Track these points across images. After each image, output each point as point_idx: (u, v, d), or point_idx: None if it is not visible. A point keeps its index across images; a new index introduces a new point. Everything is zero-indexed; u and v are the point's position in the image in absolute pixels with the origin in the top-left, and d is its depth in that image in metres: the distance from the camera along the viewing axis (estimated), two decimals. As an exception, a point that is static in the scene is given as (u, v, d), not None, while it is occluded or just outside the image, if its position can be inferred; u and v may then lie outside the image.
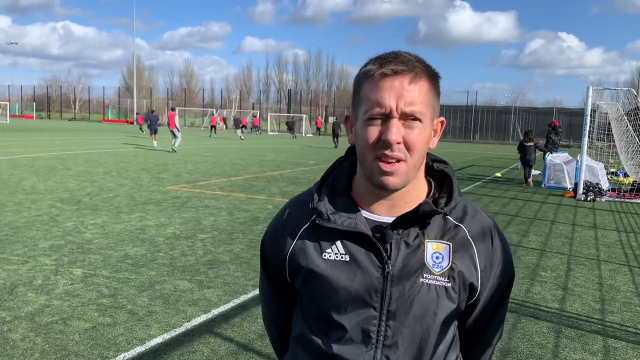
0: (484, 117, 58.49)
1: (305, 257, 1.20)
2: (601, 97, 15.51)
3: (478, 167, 21.89)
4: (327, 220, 1.17)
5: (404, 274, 1.15)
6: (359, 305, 1.16)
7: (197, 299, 4.90)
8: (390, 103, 1.09)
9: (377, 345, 1.16)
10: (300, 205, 1.27)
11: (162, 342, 3.99)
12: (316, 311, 1.21)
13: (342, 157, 1.32)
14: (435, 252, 1.17)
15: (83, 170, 14.33)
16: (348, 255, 1.17)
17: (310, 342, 1.22)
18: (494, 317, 1.29)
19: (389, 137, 1.08)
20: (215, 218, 8.60)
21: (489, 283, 1.22)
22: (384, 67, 1.10)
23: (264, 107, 74.14)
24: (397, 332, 1.16)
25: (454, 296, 1.17)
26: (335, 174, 1.27)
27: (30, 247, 6.38)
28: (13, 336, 3.97)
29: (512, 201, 12.13)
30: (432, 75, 1.15)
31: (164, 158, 19.31)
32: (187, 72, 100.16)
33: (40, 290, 4.95)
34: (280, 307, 1.36)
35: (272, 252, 1.29)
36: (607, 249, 7.68)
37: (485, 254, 1.21)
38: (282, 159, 21.60)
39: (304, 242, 1.21)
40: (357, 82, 1.17)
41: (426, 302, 1.15)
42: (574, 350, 4.16)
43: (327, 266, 1.17)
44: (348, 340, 1.17)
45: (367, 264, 1.15)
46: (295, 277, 1.24)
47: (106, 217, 8.32)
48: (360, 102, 1.14)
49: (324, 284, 1.17)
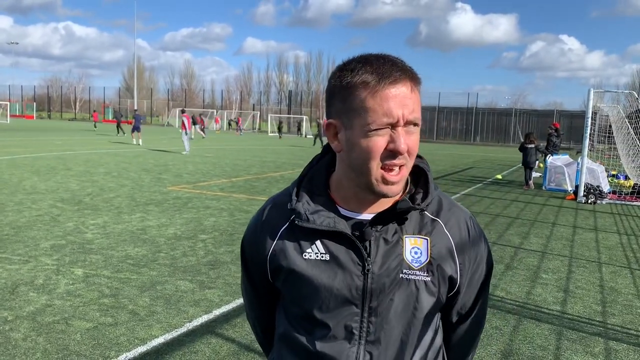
0: (484, 119, 58.51)
1: (286, 258, 1.20)
2: (602, 100, 15.50)
3: (479, 169, 21.89)
4: (307, 221, 1.18)
5: (383, 271, 1.17)
6: (341, 303, 1.17)
7: (199, 299, 4.90)
8: (398, 113, 1.09)
9: (360, 342, 1.18)
10: (279, 205, 1.27)
11: (163, 342, 3.99)
12: (299, 310, 1.22)
13: (318, 155, 1.32)
14: (413, 247, 1.19)
15: (84, 171, 14.33)
16: (328, 254, 1.18)
17: (294, 340, 1.24)
18: (476, 306, 1.31)
19: (400, 148, 1.10)
20: (216, 219, 8.60)
21: (468, 274, 1.24)
22: (385, 77, 1.09)
23: (264, 108, 74.19)
24: (380, 328, 1.18)
25: (433, 290, 1.19)
26: (312, 173, 1.28)
27: (32, 247, 6.38)
28: (15, 336, 3.97)
29: (513, 203, 12.13)
30: (418, 80, 1.16)
31: (164, 158, 19.32)
32: (188, 72, 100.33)
33: (41, 290, 4.95)
34: (262, 305, 1.37)
35: (252, 252, 1.29)
36: (608, 251, 7.68)
37: (462, 246, 1.23)
38: (283, 160, 21.60)
39: (284, 243, 1.22)
40: (346, 90, 1.12)
41: (406, 297, 1.18)
42: (575, 352, 4.16)
43: (308, 266, 1.18)
44: (331, 337, 1.18)
45: (347, 262, 1.17)
46: (277, 277, 1.24)
47: (107, 217, 8.33)
48: (357, 112, 1.11)
49: (306, 283, 1.18)
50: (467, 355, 1.40)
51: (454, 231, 1.23)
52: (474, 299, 1.30)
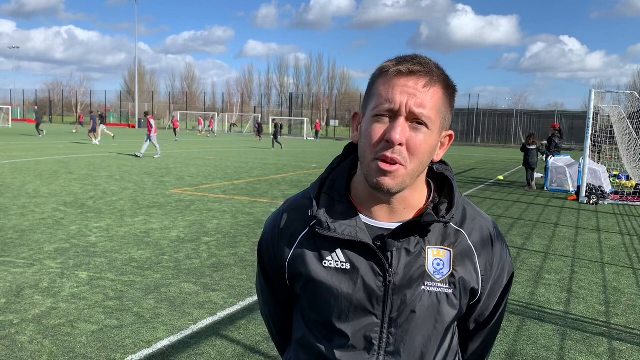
0: (485, 120, 58.49)
1: (305, 265, 1.18)
2: (603, 101, 15.50)
3: (480, 170, 21.88)
4: (327, 229, 1.15)
5: (405, 282, 1.14)
6: (361, 313, 1.15)
7: (203, 301, 4.91)
8: (401, 100, 1.06)
9: (379, 352, 1.16)
10: (298, 209, 1.24)
11: (169, 344, 4.00)
12: (317, 317, 1.20)
13: (339, 156, 1.29)
14: (436, 259, 1.16)
15: (86, 174, 14.36)
16: (349, 263, 1.15)
17: (312, 347, 1.22)
18: (495, 315, 1.30)
19: (392, 136, 1.06)
20: (219, 221, 8.62)
21: (489, 285, 1.23)
22: (400, 65, 1.09)
23: (265, 110, 74.25)
24: (399, 339, 1.16)
25: (455, 302, 1.17)
26: (333, 177, 1.24)
27: (36, 251, 6.40)
28: (21, 338, 3.99)
29: (515, 204, 12.14)
30: (448, 85, 1.13)
31: (166, 162, 19.34)
32: (189, 75, 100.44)
33: (46, 293, 4.97)
34: (278, 305, 1.35)
35: (270, 256, 1.27)
36: (611, 251, 7.68)
37: (485, 257, 1.21)
38: (284, 162, 21.62)
39: (303, 250, 1.19)
40: (372, 79, 1.15)
41: (427, 310, 1.15)
42: (579, 352, 4.16)
43: (328, 274, 1.16)
44: (350, 347, 1.16)
45: (368, 272, 1.14)
46: (295, 283, 1.22)
47: (110, 220, 8.35)
48: (371, 98, 1.13)
49: (325, 291, 1.16)
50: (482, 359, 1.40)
51: (477, 242, 1.20)
52: (493, 308, 1.28)
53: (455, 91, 1.16)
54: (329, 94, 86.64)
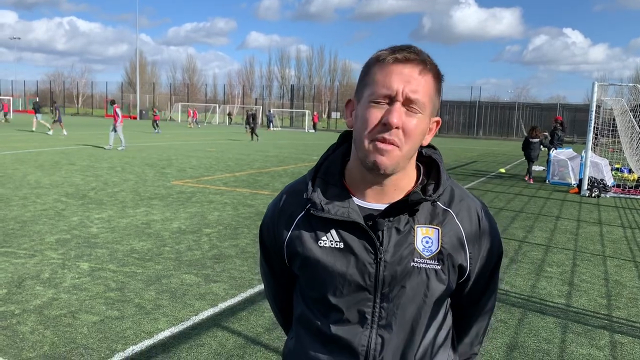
0: (487, 113, 58.35)
1: (302, 245, 1.26)
2: (606, 93, 15.46)
3: (482, 162, 21.86)
4: (322, 211, 1.23)
5: (395, 259, 1.21)
6: (354, 289, 1.22)
7: (204, 293, 4.91)
8: (398, 86, 1.14)
9: (372, 326, 1.23)
10: (295, 193, 1.32)
11: (170, 335, 4.01)
12: (314, 294, 1.28)
13: (334, 144, 1.36)
14: (425, 237, 1.23)
15: (87, 165, 14.36)
16: (342, 242, 1.23)
17: (310, 323, 1.30)
18: (486, 292, 1.36)
19: (391, 120, 1.13)
20: (220, 213, 8.61)
21: (477, 263, 1.29)
22: (396, 53, 1.16)
23: (266, 102, 74.09)
24: (391, 313, 1.23)
25: (443, 278, 1.24)
26: (328, 163, 1.32)
27: (37, 241, 6.40)
28: (22, 329, 4.00)
29: (517, 197, 12.12)
30: (438, 74, 1.21)
31: (167, 153, 19.33)
32: (190, 67, 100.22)
33: (48, 283, 4.98)
34: (279, 285, 1.44)
35: (270, 238, 1.36)
36: (613, 244, 7.67)
37: (472, 235, 1.27)
38: (285, 154, 21.60)
39: (300, 231, 1.27)
40: (366, 66, 1.22)
41: (417, 285, 1.22)
42: (580, 345, 4.16)
43: (323, 253, 1.23)
44: (345, 321, 1.24)
45: (360, 250, 1.21)
46: (293, 262, 1.30)
47: (112, 211, 8.35)
48: (367, 84, 1.19)
49: (321, 269, 1.24)
50: (476, 340, 1.44)
51: (465, 221, 1.26)
52: (484, 284, 1.35)
53: (442, 80, 1.24)
54: (330, 86, 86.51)
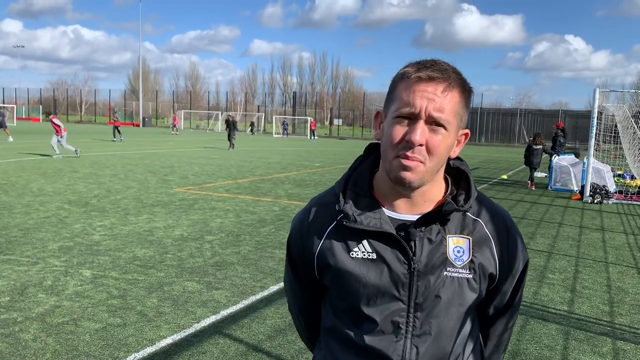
0: (489, 120, 58.37)
1: (334, 256, 1.27)
2: (608, 100, 15.43)
3: (484, 169, 21.85)
4: (354, 222, 1.24)
5: (428, 269, 1.23)
6: (388, 299, 1.24)
7: (206, 300, 4.92)
8: (421, 104, 1.15)
9: (406, 336, 1.24)
10: (325, 205, 1.34)
11: (172, 342, 4.01)
12: (345, 305, 1.28)
13: (361, 156, 1.38)
14: (456, 247, 1.25)
15: (90, 173, 14.40)
16: (375, 253, 1.24)
17: (342, 334, 1.30)
18: (513, 301, 1.38)
19: (413, 138, 1.15)
20: (222, 220, 8.63)
21: (506, 270, 1.31)
22: (420, 71, 1.17)
23: (269, 109, 74.30)
24: (425, 323, 1.24)
25: (475, 286, 1.26)
26: (357, 174, 1.34)
27: (40, 249, 6.42)
28: (25, 336, 4.01)
29: (519, 203, 12.11)
30: (464, 88, 1.21)
31: (170, 160, 19.37)
32: (193, 74, 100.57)
33: (50, 291, 4.99)
34: (306, 298, 1.44)
35: (299, 250, 1.35)
36: (615, 251, 7.66)
37: (501, 244, 1.29)
38: (288, 161, 21.62)
39: (331, 242, 1.28)
40: (393, 82, 1.24)
41: (450, 294, 1.24)
42: (583, 352, 4.15)
43: (356, 264, 1.24)
44: (379, 332, 1.24)
45: (393, 261, 1.23)
46: (324, 274, 1.30)
47: (114, 219, 8.37)
48: (393, 100, 1.21)
49: (353, 280, 1.25)
50: (502, 344, 1.46)
51: (493, 230, 1.29)
52: (511, 293, 1.36)
53: (471, 92, 1.24)
54: (332, 93, 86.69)
